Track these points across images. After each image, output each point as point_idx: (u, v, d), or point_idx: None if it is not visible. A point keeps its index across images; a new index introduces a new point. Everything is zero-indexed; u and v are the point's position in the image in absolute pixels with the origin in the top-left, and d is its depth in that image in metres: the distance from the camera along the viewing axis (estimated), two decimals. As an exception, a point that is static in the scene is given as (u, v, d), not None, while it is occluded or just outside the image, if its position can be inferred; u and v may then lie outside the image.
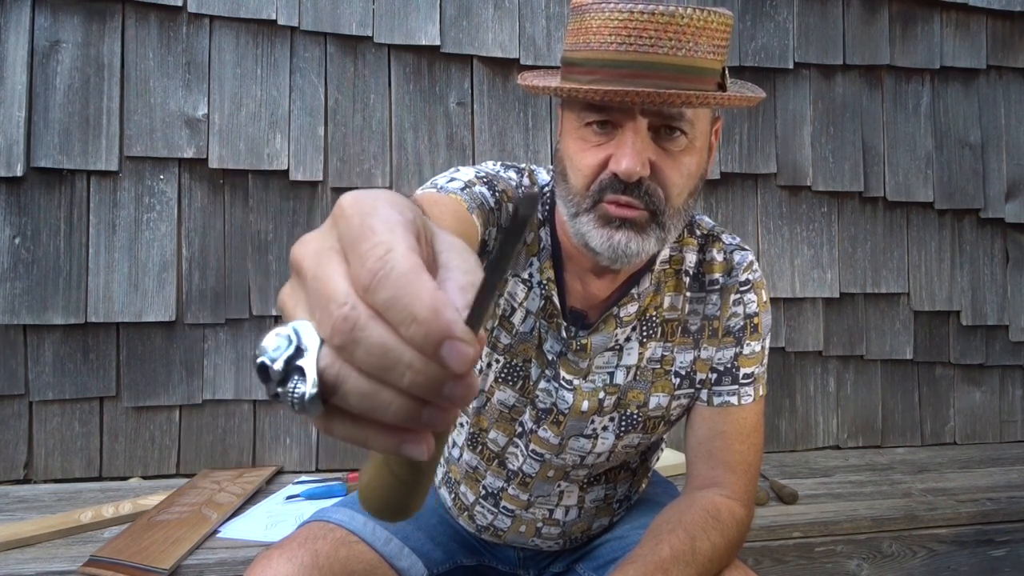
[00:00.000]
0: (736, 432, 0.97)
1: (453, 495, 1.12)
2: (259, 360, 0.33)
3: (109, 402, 1.76)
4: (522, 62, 1.87)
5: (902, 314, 2.11)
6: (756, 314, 0.98)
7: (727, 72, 0.85)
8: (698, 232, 1.01)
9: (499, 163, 1.00)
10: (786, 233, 2.04)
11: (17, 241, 1.71)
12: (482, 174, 0.92)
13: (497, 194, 0.90)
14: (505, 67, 1.89)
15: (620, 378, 0.97)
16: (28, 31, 1.69)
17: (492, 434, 1.01)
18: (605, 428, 0.99)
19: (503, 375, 0.97)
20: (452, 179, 0.88)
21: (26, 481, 1.73)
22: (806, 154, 2.03)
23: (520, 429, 1.00)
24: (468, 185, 0.87)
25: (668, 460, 1.71)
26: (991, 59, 2.12)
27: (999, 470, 1.84)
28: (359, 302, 0.31)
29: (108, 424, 1.76)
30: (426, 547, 1.05)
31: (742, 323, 0.98)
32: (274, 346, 0.33)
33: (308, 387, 0.32)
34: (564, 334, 0.96)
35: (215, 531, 1.35)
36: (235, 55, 1.79)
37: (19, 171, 1.68)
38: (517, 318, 0.96)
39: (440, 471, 1.13)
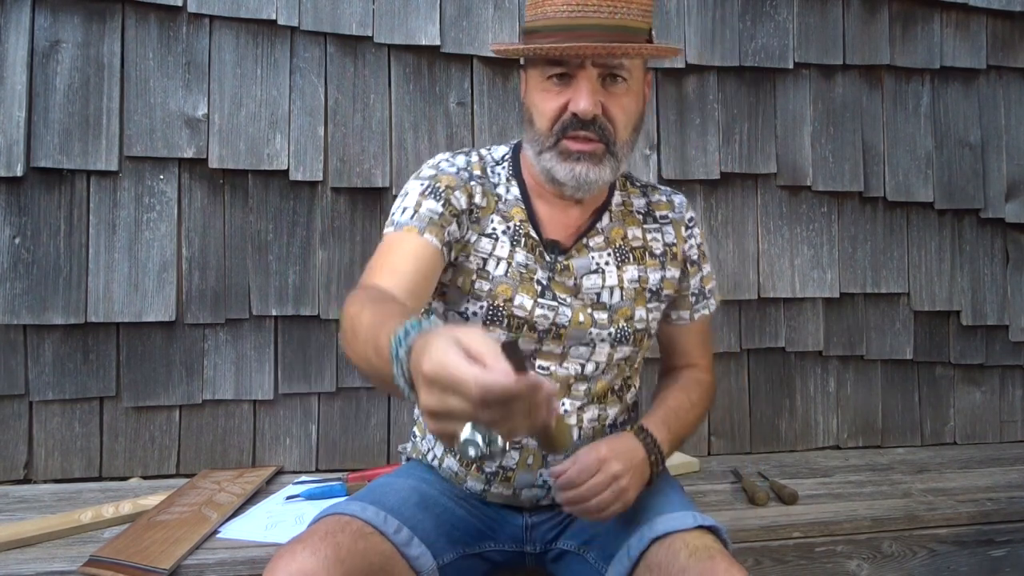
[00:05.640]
0: (706, 330, 1.32)
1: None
2: (471, 454, 0.63)
3: (109, 402, 1.76)
4: (522, 62, 1.86)
5: (902, 314, 2.11)
6: (702, 243, 1.29)
7: (653, 32, 1.09)
8: (638, 184, 1.28)
9: (445, 155, 1.18)
10: (786, 233, 2.04)
11: (17, 241, 1.71)
12: (424, 184, 1.11)
13: (441, 195, 1.10)
14: (505, 67, 1.89)
15: (606, 297, 1.17)
16: (28, 31, 1.69)
17: None
18: (603, 340, 1.16)
19: (489, 317, 1.12)
20: (403, 208, 1.09)
21: (26, 481, 1.73)
22: (806, 154, 2.03)
23: None
24: (415, 208, 1.08)
25: (671, 460, 1.70)
26: (991, 59, 2.12)
27: (999, 470, 1.83)
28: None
29: (108, 424, 1.76)
30: (431, 536, 1.06)
31: (697, 253, 1.27)
32: (471, 450, 0.63)
33: (500, 444, 0.63)
34: (547, 259, 1.15)
35: (215, 531, 1.35)
36: (235, 55, 1.79)
37: (19, 171, 1.68)
38: (491, 266, 1.13)
39: None
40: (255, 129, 1.79)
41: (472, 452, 0.61)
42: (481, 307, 1.12)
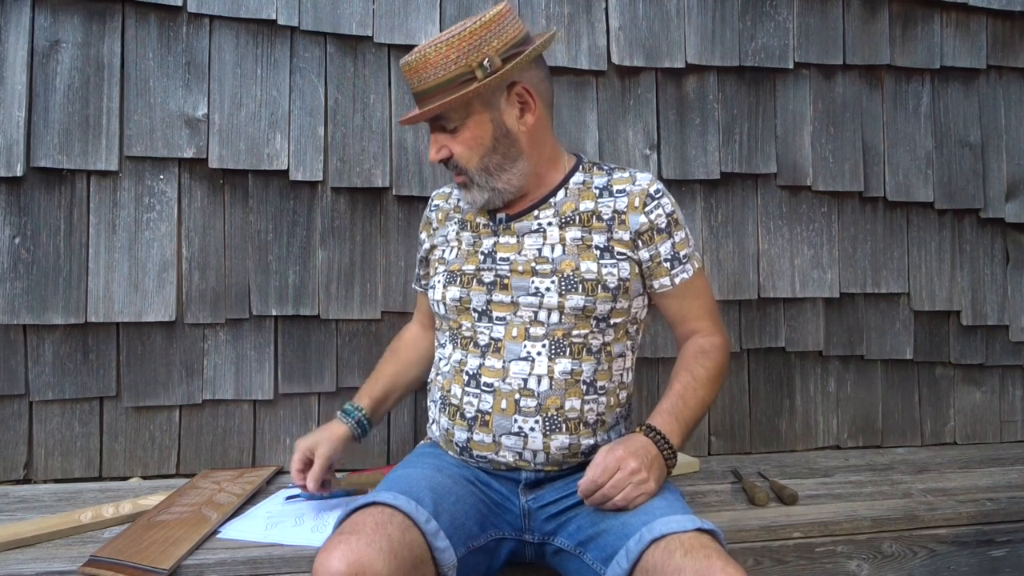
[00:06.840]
0: (697, 293, 1.35)
1: (447, 408, 1.29)
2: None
3: (109, 402, 1.76)
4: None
5: (902, 314, 2.11)
6: (673, 212, 1.33)
7: (488, 61, 1.19)
8: (606, 167, 1.37)
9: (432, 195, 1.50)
10: (786, 233, 2.04)
11: (17, 241, 1.71)
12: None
13: (417, 247, 1.51)
14: (505, 67, 1.88)
15: (547, 252, 1.28)
16: (28, 31, 1.69)
17: (464, 324, 1.30)
18: (548, 289, 1.25)
19: (447, 280, 1.31)
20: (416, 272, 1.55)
21: (26, 481, 1.73)
22: (806, 154, 2.03)
23: (479, 309, 1.28)
24: (415, 271, 1.56)
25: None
26: (991, 59, 2.12)
27: (999, 470, 1.83)
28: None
29: (108, 424, 1.76)
30: (449, 529, 1.10)
31: (666, 221, 1.31)
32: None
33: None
34: (492, 223, 1.32)
35: (215, 531, 1.35)
36: (235, 55, 1.79)
37: (19, 171, 1.68)
38: (447, 254, 1.36)
39: (438, 396, 1.33)
40: (255, 129, 1.79)
41: None
42: (443, 274, 1.34)
